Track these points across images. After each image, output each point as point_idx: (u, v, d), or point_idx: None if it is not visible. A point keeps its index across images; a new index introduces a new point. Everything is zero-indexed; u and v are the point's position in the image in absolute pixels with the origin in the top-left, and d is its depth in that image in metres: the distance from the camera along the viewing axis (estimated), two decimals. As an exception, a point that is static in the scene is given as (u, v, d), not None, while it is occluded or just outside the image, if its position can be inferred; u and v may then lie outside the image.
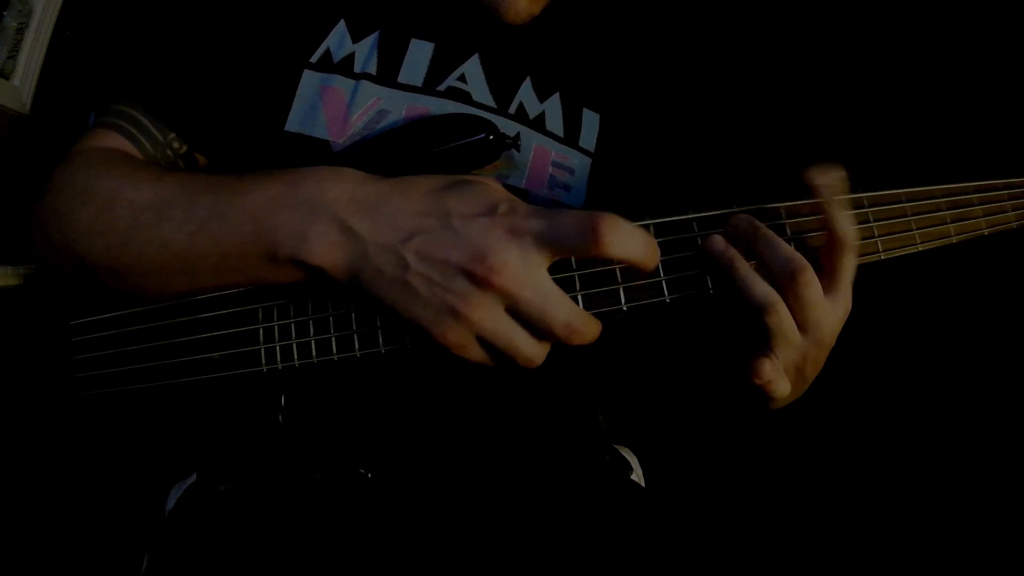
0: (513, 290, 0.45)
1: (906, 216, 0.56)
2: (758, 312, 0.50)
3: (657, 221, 0.53)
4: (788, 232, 0.53)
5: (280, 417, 0.59)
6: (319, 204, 0.49)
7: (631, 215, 0.51)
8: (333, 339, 0.55)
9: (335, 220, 0.49)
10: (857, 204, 0.55)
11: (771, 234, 0.51)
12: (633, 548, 0.62)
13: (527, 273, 0.46)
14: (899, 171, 0.60)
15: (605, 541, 0.62)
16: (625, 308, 0.52)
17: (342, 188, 0.50)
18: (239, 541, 0.58)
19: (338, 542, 0.59)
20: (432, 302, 0.47)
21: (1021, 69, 1.11)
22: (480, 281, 0.45)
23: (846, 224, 0.50)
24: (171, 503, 0.67)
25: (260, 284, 0.54)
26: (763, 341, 0.51)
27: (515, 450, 0.69)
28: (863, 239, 0.54)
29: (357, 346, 0.54)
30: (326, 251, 0.49)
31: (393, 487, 0.64)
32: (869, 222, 0.55)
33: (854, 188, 0.55)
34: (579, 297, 0.51)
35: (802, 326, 0.51)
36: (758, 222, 0.52)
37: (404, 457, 0.65)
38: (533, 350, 0.48)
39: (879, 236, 0.55)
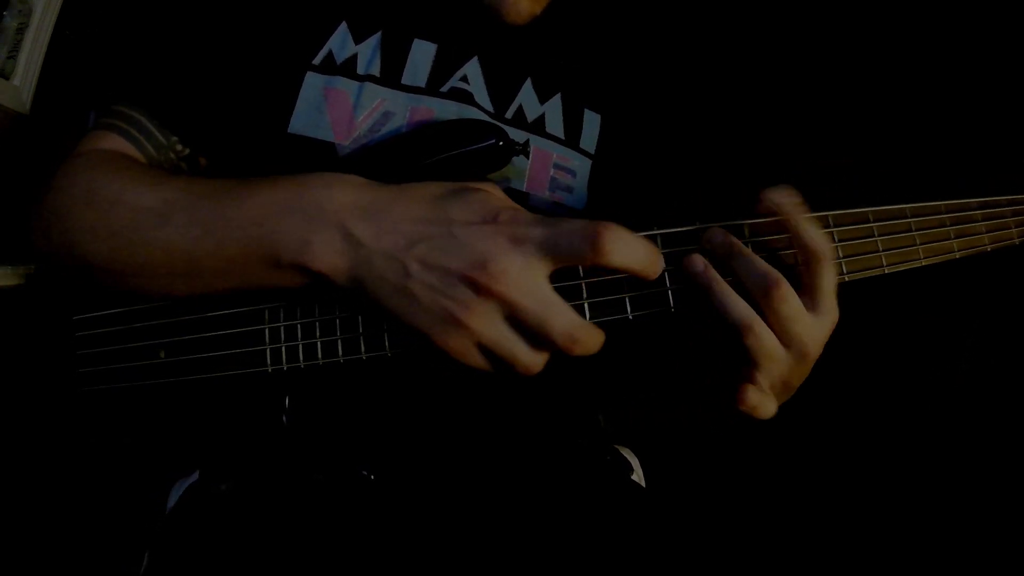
0: (513, 298, 0.45)
1: (910, 231, 0.56)
2: (737, 333, 0.49)
3: (664, 231, 0.53)
4: (768, 248, 0.53)
5: (284, 418, 0.59)
6: (323, 210, 0.50)
7: (636, 218, 0.51)
8: (339, 341, 0.55)
9: (338, 227, 0.49)
10: (861, 219, 0.55)
11: (745, 250, 0.51)
12: (633, 548, 0.62)
13: (528, 281, 0.46)
14: (903, 186, 0.61)
15: (606, 541, 0.62)
16: (631, 317, 0.52)
17: (345, 194, 0.50)
18: (240, 540, 0.58)
19: (339, 543, 0.59)
20: (433, 309, 0.47)
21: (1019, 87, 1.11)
22: (481, 289, 0.45)
23: (815, 235, 0.50)
24: (172, 501, 0.68)
25: (262, 288, 0.54)
26: (747, 359, 0.51)
27: (516, 451, 0.69)
28: (867, 253, 0.54)
29: (363, 349, 0.54)
30: (328, 258, 0.49)
31: (395, 488, 0.64)
32: (873, 236, 0.55)
33: (857, 202, 0.55)
34: (585, 305, 0.51)
35: (783, 341, 0.50)
36: (732, 237, 0.51)
37: (406, 458, 0.65)
38: (531, 358, 0.48)
39: (883, 251, 0.55)
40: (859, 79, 1.21)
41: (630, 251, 0.46)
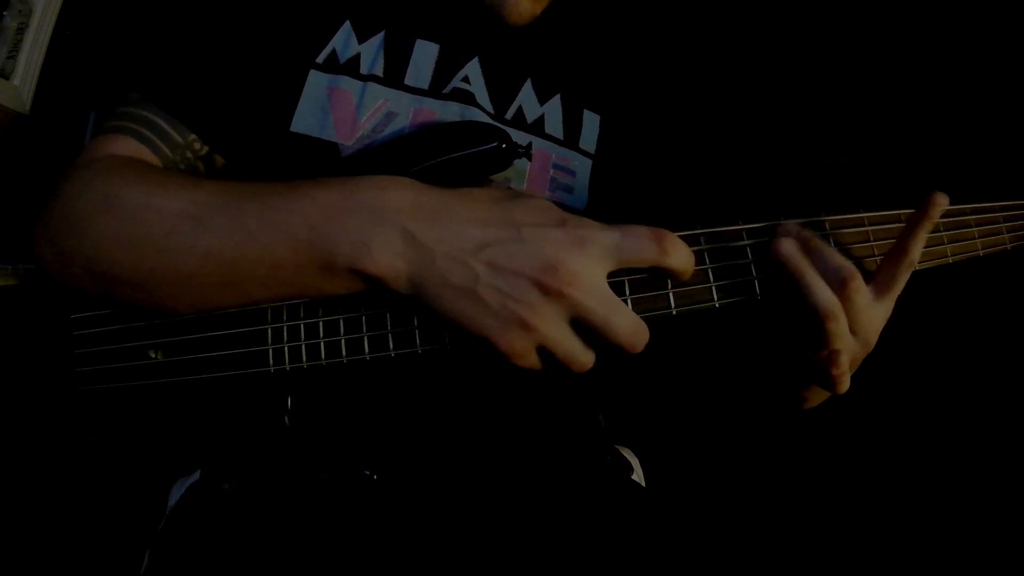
0: (581, 300, 0.46)
1: None
2: (821, 318, 0.52)
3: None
4: (831, 243, 0.56)
5: (286, 418, 0.59)
6: (381, 211, 0.48)
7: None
8: (343, 341, 0.55)
9: (398, 228, 0.48)
10: (857, 223, 0.57)
11: (821, 242, 0.53)
12: (634, 548, 0.62)
13: (595, 283, 0.47)
14: (903, 185, 0.62)
15: (606, 541, 0.62)
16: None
17: (404, 195, 0.49)
18: (241, 540, 0.58)
19: (341, 543, 0.59)
20: (500, 312, 0.47)
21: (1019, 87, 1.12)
22: (551, 291, 0.46)
23: (920, 244, 0.53)
24: (173, 500, 0.68)
25: (312, 296, 0.53)
26: (818, 344, 0.53)
27: (517, 451, 0.69)
28: (861, 258, 0.56)
29: (367, 349, 0.54)
30: (389, 260, 0.48)
31: (397, 488, 0.64)
32: (869, 241, 0.57)
33: (852, 203, 0.57)
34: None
35: (853, 329, 0.53)
36: (808, 231, 0.54)
37: (408, 458, 0.65)
38: (588, 357, 0.49)
39: (878, 255, 0.56)
40: (859, 79, 1.21)
41: (685, 254, 0.50)
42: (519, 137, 0.69)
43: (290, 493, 0.62)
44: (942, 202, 0.53)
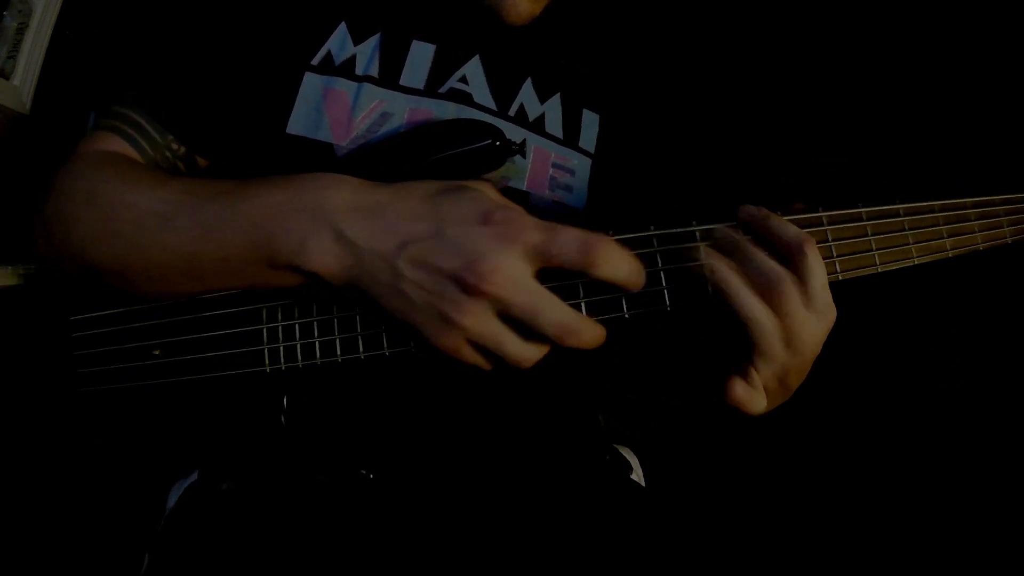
0: (504, 296, 0.46)
1: (903, 230, 0.57)
2: (746, 326, 0.50)
3: (661, 232, 0.53)
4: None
5: (282, 417, 0.60)
6: (318, 212, 0.50)
7: (633, 217, 0.52)
8: (337, 341, 0.55)
9: (332, 228, 0.49)
10: (855, 218, 0.55)
11: (751, 247, 0.51)
12: (633, 548, 0.62)
13: (518, 279, 0.46)
14: (898, 186, 0.61)
15: (605, 541, 0.62)
16: (627, 316, 0.52)
17: (341, 195, 0.50)
18: (240, 540, 0.58)
19: (339, 543, 0.59)
20: (426, 308, 0.47)
21: (1019, 87, 1.11)
22: (470, 288, 0.46)
23: (788, 227, 0.51)
24: (172, 501, 0.68)
25: (261, 288, 0.55)
26: (746, 353, 0.51)
27: (516, 450, 0.69)
28: (860, 252, 0.55)
29: (361, 348, 0.55)
30: (323, 259, 0.50)
31: (394, 488, 0.64)
32: (867, 235, 0.55)
33: (852, 201, 0.55)
34: (582, 304, 0.52)
35: (783, 337, 0.50)
36: (739, 235, 0.52)
37: (406, 458, 0.65)
38: (522, 352, 0.48)
39: (876, 249, 0.55)
40: (859, 79, 1.21)
41: (618, 265, 0.48)
42: (515, 134, 0.69)
43: (288, 493, 0.62)
44: (747, 209, 0.52)
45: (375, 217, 0.49)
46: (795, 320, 0.50)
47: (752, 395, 0.52)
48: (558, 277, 0.50)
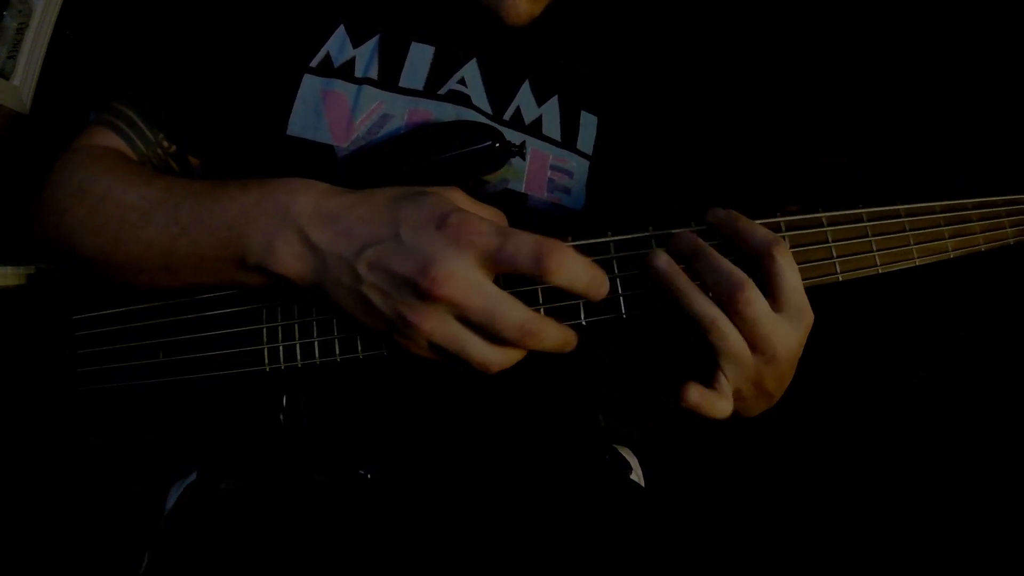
0: (458, 300, 0.46)
1: (904, 231, 0.57)
2: (701, 330, 0.49)
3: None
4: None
5: (281, 417, 0.60)
6: (287, 215, 0.51)
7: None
8: (336, 340, 0.55)
9: (298, 232, 0.50)
10: (856, 219, 0.55)
11: (711, 252, 0.51)
12: (632, 548, 0.62)
13: (471, 282, 0.46)
14: (899, 187, 0.60)
15: (604, 541, 0.62)
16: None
17: (308, 200, 0.51)
18: (239, 540, 0.58)
19: (337, 542, 0.59)
20: (386, 312, 0.48)
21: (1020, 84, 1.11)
22: (424, 292, 0.46)
23: (757, 230, 0.50)
24: (171, 501, 0.68)
25: (233, 286, 0.56)
26: (711, 359, 0.51)
27: (515, 450, 0.69)
28: (861, 253, 0.55)
29: (360, 348, 0.55)
30: (289, 261, 0.51)
31: (393, 488, 0.64)
32: (867, 236, 0.55)
33: (853, 202, 0.55)
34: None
35: (751, 344, 0.50)
36: (700, 240, 0.52)
37: (404, 458, 0.66)
38: (488, 356, 0.49)
39: (877, 251, 0.55)
40: (859, 78, 1.21)
41: (574, 273, 0.47)
42: (514, 137, 0.69)
43: (286, 493, 0.62)
44: (715, 213, 0.52)
45: (337, 221, 0.50)
46: (761, 324, 0.49)
47: (709, 399, 0.51)
48: (519, 283, 0.50)
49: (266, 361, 0.56)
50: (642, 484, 0.81)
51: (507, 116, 0.72)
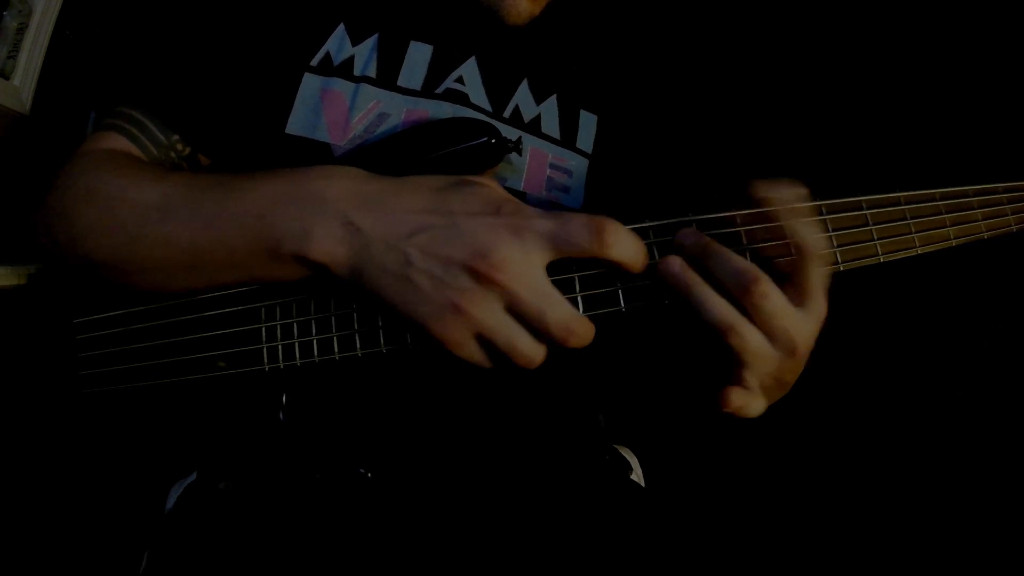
0: (513, 288, 0.46)
1: (905, 219, 0.56)
2: (719, 334, 0.49)
3: (656, 223, 0.53)
4: (744, 241, 0.52)
5: (281, 416, 0.60)
6: (323, 200, 0.50)
7: (629, 216, 0.51)
8: (335, 338, 0.55)
9: (338, 216, 0.49)
10: (855, 207, 0.55)
11: (720, 248, 0.50)
12: (632, 548, 0.62)
13: (528, 272, 0.46)
14: (899, 174, 0.60)
15: (604, 541, 0.62)
16: (624, 309, 0.52)
17: (346, 185, 0.50)
18: (239, 540, 0.58)
19: (338, 541, 0.59)
20: (433, 298, 0.47)
21: (1020, 72, 1.11)
22: (481, 277, 0.46)
23: (807, 233, 0.49)
24: (171, 501, 0.68)
25: (263, 282, 0.55)
26: (734, 358, 0.50)
27: (515, 450, 0.69)
28: (861, 242, 0.54)
29: (359, 345, 0.55)
30: (329, 247, 0.49)
31: (393, 487, 0.64)
32: (868, 225, 0.55)
33: (853, 192, 0.55)
34: (579, 298, 0.52)
35: (769, 337, 0.49)
36: (705, 236, 0.51)
37: (404, 457, 0.66)
38: (532, 349, 0.48)
39: (878, 239, 0.54)
40: (858, 79, 1.21)
41: (628, 245, 0.48)
42: (511, 134, 0.69)
43: (286, 492, 0.62)
44: (775, 193, 0.51)
45: (382, 206, 0.49)
46: (780, 318, 0.49)
47: (748, 400, 0.51)
48: (554, 271, 0.49)
49: (265, 360, 0.56)
50: (642, 484, 0.81)
51: (506, 114, 0.72)
